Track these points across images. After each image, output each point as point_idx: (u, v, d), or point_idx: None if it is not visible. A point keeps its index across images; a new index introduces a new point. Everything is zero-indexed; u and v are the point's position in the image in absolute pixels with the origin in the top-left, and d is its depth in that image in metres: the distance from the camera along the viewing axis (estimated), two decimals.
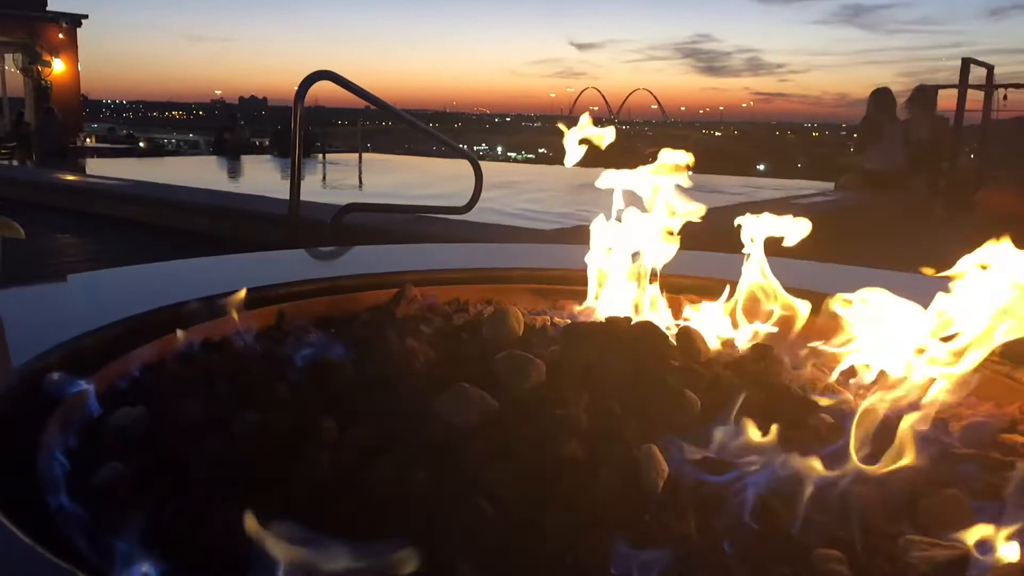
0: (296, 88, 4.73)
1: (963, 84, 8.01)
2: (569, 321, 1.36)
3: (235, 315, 1.30)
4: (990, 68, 8.46)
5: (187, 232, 5.53)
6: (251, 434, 0.89)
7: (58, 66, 16.33)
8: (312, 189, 5.17)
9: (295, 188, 4.49)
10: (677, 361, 1.04)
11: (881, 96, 7.27)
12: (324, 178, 10.60)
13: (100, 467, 0.86)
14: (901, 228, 6.44)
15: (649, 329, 1.11)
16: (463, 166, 5.75)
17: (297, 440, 0.87)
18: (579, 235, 4.91)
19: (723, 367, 1.06)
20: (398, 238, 4.60)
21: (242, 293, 1.26)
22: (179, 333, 1.21)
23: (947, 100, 8.23)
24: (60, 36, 16.56)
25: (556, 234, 4.45)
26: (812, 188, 9.28)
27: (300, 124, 4.46)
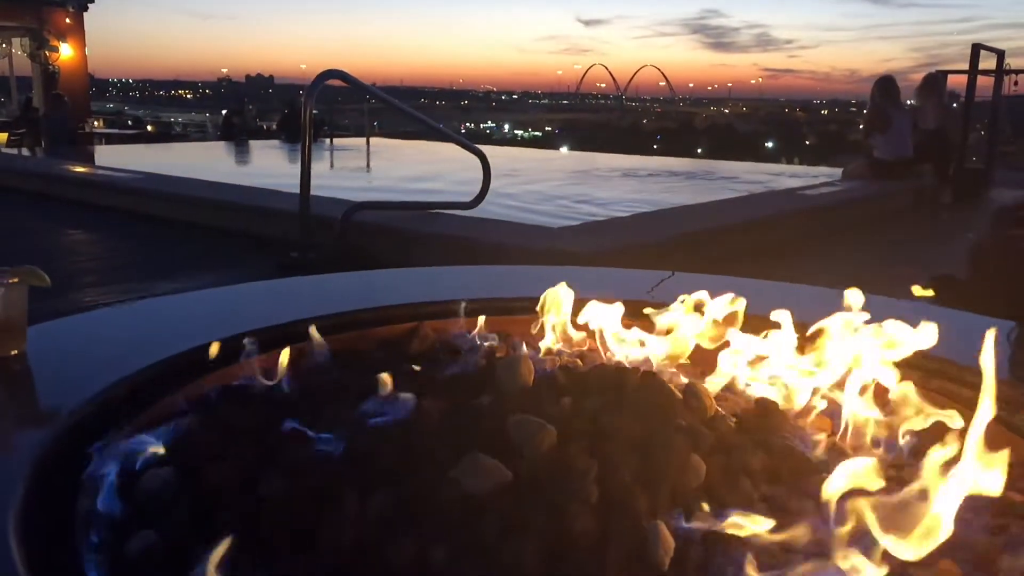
0: (306, 83, 4.74)
1: (973, 70, 7.95)
2: (579, 361, 1.39)
3: (252, 360, 1.34)
4: (1000, 53, 8.40)
5: (199, 226, 5.57)
6: (275, 501, 0.93)
7: (65, 51, 16.36)
8: (321, 177, 5.19)
9: (305, 186, 4.54)
10: (684, 420, 1.07)
11: (886, 85, 7.25)
12: (332, 165, 10.63)
13: (133, 536, 0.90)
14: (906, 220, 6.44)
15: (656, 385, 1.14)
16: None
17: (320, 507, 0.91)
18: (583, 232, 4.89)
19: (728, 425, 1.09)
20: (405, 235, 4.63)
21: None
22: (201, 381, 1.25)
23: (959, 77, 8.19)
24: (67, 21, 16.56)
25: (563, 232, 4.47)
26: (821, 174, 9.27)
27: (310, 124, 4.49)
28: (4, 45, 18.29)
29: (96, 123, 18.90)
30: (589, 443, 1.02)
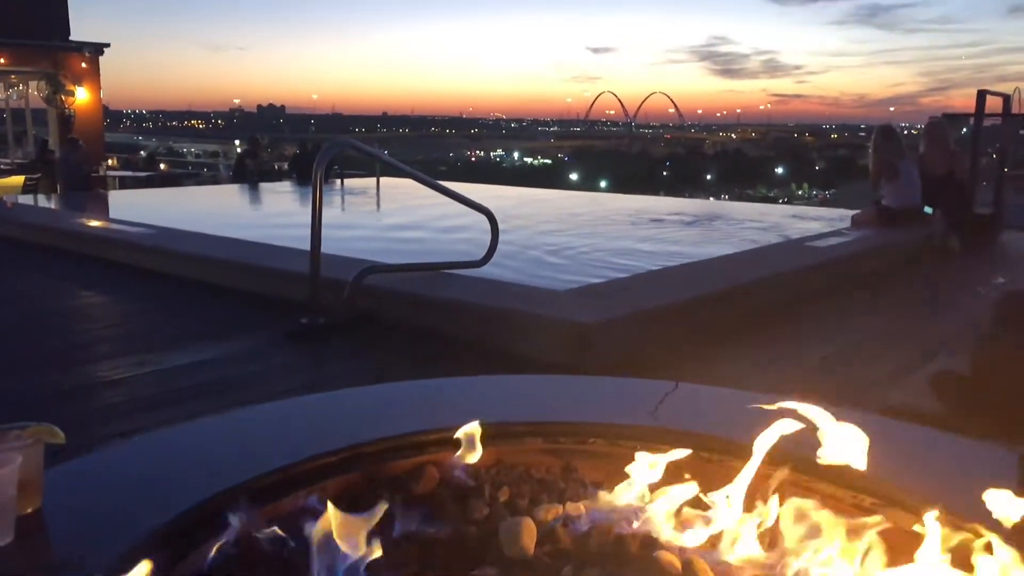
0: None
1: (979, 115, 7.97)
2: (582, 511, 1.41)
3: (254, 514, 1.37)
4: (1006, 97, 8.43)
5: (211, 286, 5.64)
6: None
7: (81, 95, 16.65)
8: (332, 228, 5.25)
9: (316, 248, 4.59)
10: None
11: (887, 133, 7.31)
12: (343, 210, 10.73)
13: None
14: (914, 273, 6.44)
15: (653, 560, 1.17)
16: (476, 190, 5.79)
17: None
18: (589, 296, 4.89)
19: None
20: (412, 299, 4.67)
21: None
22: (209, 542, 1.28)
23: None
24: (83, 65, 16.89)
25: (569, 297, 4.51)
26: (831, 216, 9.30)
27: (320, 191, 4.56)
28: (21, 87, 18.65)
29: (111, 161, 19.17)
30: None
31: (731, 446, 1.54)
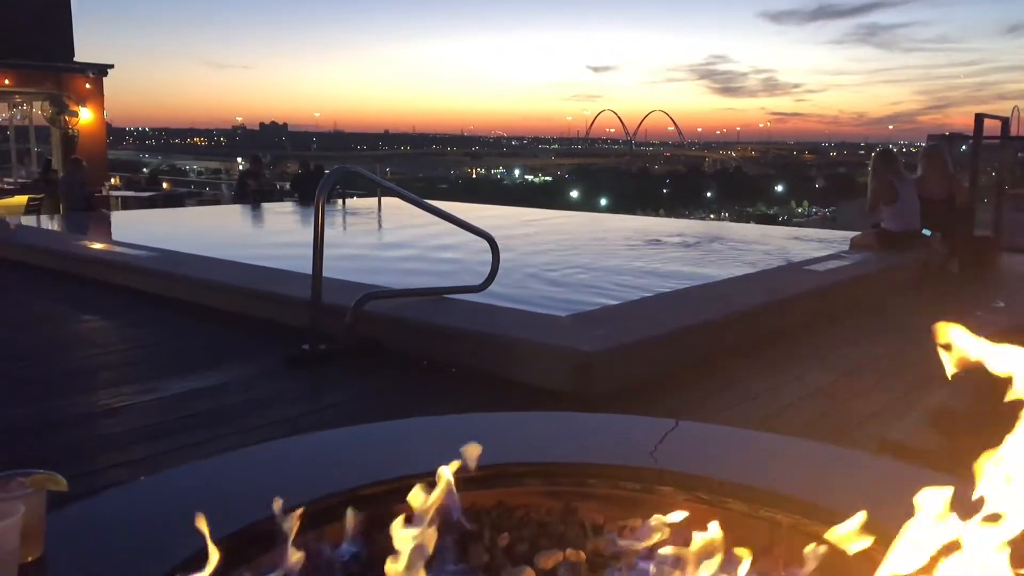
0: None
1: (977, 138, 8.02)
2: (583, 558, 1.42)
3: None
4: (1005, 120, 8.49)
5: (212, 310, 5.65)
6: None
7: (84, 115, 16.75)
8: (333, 250, 5.25)
9: (317, 276, 4.61)
10: None
11: (887, 157, 7.35)
12: (344, 230, 10.77)
13: None
14: (912, 297, 6.44)
15: None
16: (476, 211, 5.79)
17: None
18: (589, 323, 4.88)
19: None
20: (413, 325, 4.67)
21: None
22: None
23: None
24: (87, 86, 17.00)
25: (570, 323, 4.52)
26: (830, 238, 9.33)
27: (323, 219, 4.58)
28: (25, 107, 18.77)
29: (113, 180, 19.25)
30: None
31: (735, 489, 1.55)
